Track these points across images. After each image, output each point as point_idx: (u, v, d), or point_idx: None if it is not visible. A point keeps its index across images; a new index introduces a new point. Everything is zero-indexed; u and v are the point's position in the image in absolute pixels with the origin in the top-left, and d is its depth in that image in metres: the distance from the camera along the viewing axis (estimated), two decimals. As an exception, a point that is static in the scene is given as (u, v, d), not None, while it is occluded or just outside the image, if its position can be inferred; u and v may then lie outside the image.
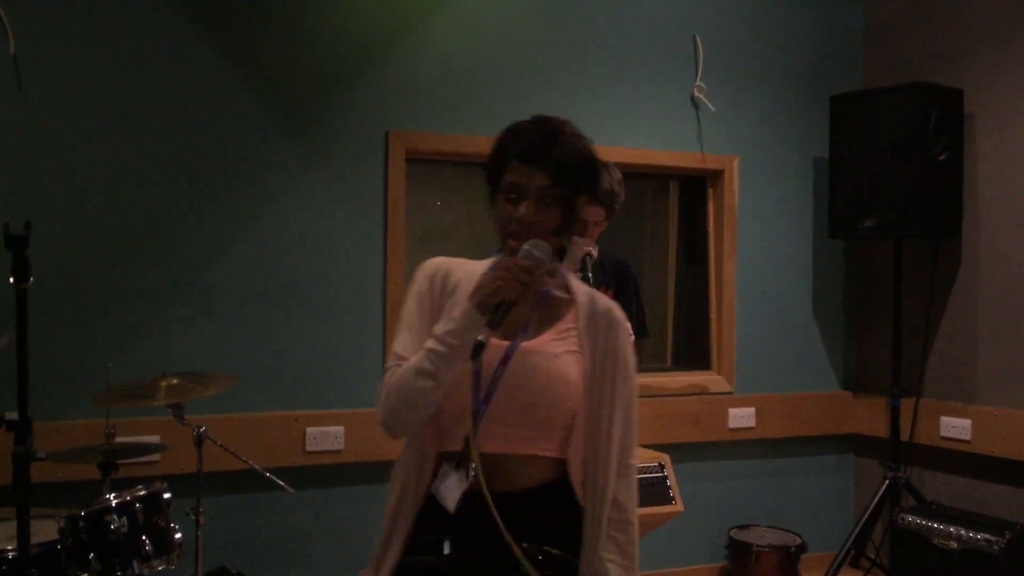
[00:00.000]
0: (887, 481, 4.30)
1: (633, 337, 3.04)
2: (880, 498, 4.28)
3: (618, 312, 1.90)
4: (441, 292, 1.87)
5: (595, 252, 3.13)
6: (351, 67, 3.89)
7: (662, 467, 4.15)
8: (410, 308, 1.89)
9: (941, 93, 4.22)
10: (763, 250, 4.67)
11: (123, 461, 2.97)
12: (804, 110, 4.73)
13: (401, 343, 1.85)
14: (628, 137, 4.35)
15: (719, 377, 4.60)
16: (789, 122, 4.72)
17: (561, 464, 1.82)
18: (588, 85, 4.29)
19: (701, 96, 4.49)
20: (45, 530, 2.75)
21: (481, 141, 4.07)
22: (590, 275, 3.18)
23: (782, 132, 4.71)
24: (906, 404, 4.45)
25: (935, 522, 3.95)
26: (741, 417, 4.59)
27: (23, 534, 2.09)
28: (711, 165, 4.56)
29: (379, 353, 3.86)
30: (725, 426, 4.56)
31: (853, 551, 4.37)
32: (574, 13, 4.27)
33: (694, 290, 4.76)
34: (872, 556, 4.53)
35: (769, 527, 4.56)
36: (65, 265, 3.43)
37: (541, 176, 1.76)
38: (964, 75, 4.35)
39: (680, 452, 4.38)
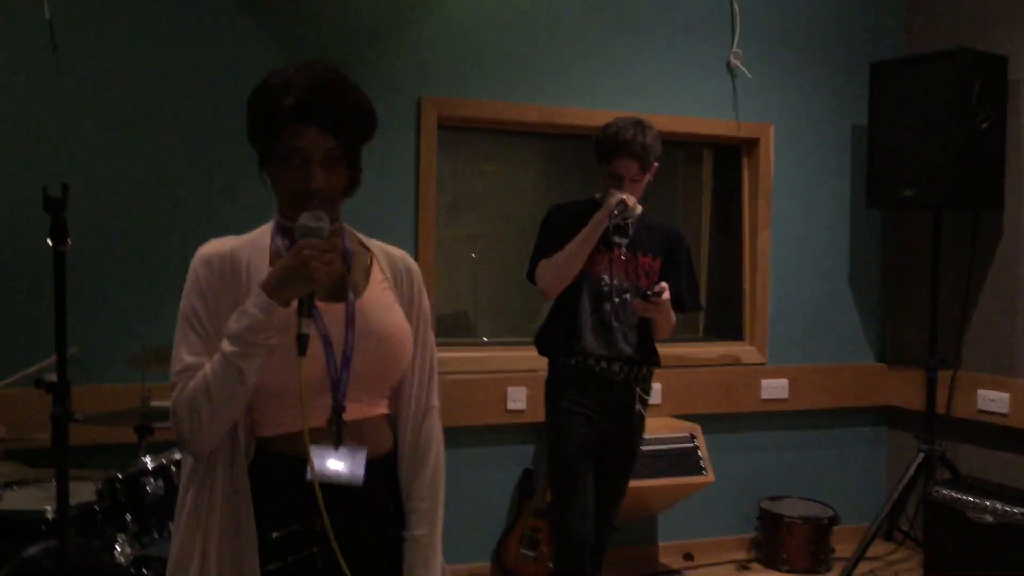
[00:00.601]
0: (921, 454, 4.25)
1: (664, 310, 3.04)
2: (914, 471, 4.24)
3: (410, 259, 1.86)
4: (232, 279, 1.65)
5: (635, 205, 3.07)
6: (384, 32, 3.86)
7: (693, 438, 4.14)
8: (192, 307, 1.65)
9: (984, 60, 4.11)
10: (798, 219, 4.60)
11: (159, 425, 3.01)
12: (842, 77, 4.64)
13: (190, 350, 1.62)
14: (662, 104, 4.28)
15: (751, 348, 4.56)
16: (827, 89, 4.63)
17: (392, 421, 1.80)
18: (622, 51, 4.22)
19: (737, 63, 4.42)
20: (82, 491, 2.80)
21: (514, 107, 4.08)
22: (630, 222, 3.14)
23: (820, 100, 4.62)
24: (943, 376, 4.38)
25: (970, 496, 3.90)
26: (773, 388, 4.56)
27: (62, 495, 2.12)
28: (746, 133, 4.49)
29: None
30: (757, 397, 4.53)
31: (886, 524, 4.34)
32: (608, -22, 4.20)
33: (727, 259, 4.71)
34: (905, 529, 4.50)
35: (801, 499, 4.54)
36: (101, 228, 3.46)
37: (325, 137, 1.61)
38: (1008, 41, 4.23)
39: (711, 423, 4.37)
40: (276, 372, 1.59)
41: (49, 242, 2.01)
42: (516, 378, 4.07)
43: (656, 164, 3.16)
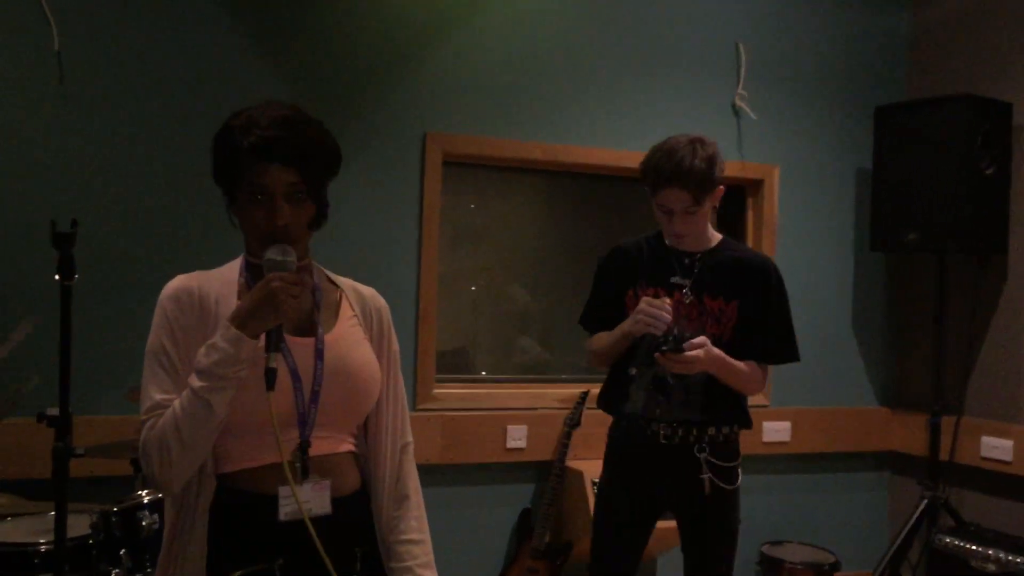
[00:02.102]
0: (925, 500, 4.21)
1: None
2: (917, 518, 4.19)
3: (380, 297, 1.86)
4: (201, 315, 1.66)
5: (658, 317, 2.57)
6: (388, 69, 3.88)
7: (694, 479, 4.08)
8: (160, 343, 1.64)
9: (989, 105, 4.13)
10: (803, 262, 4.59)
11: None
12: (847, 120, 4.66)
13: (159, 387, 1.62)
14: (667, 144, 4.29)
15: (754, 389, 4.53)
16: (832, 132, 4.65)
17: (360, 459, 1.79)
18: (627, 90, 4.25)
19: (742, 104, 4.44)
20: (77, 525, 2.76)
21: (517, 145, 4.09)
22: (670, 343, 2.55)
23: (825, 142, 4.64)
24: (946, 422, 4.35)
25: (973, 544, 3.86)
26: (775, 431, 4.52)
27: (60, 529, 2.10)
28: (751, 174, 4.50)
29: (411, 356, 3.85)
30: (759, 439, 4.48)
31: (888, 571, 4.28)
32: (614, 18, 4.23)
33: (730, 300, 4.70)
34: (907, 576, 4.44)
35: (802, 544, 4.48)
36: (100, 259, 3.45)
37: (288, 173, 1.62)
38: (1014, 88, 4.25)
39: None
40: (243, 406, 1.59)
41: (56, 276, 2.01)
42: (516, 416, 4.05)
43: (720, 188, 2.70)
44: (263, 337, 1.58)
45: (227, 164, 1.66)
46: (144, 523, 2.75)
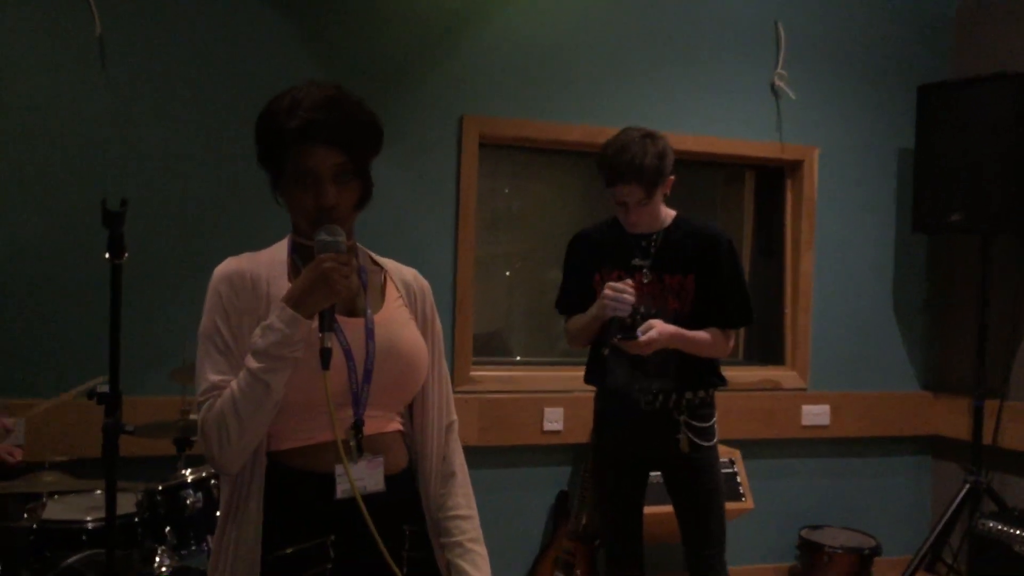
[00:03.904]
0: (967, 485, 4.16)
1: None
2: (959, 502, 4.14)
3: (422, 278, 1.88)
4: (253, 297, 1.66)
5: (625, 304, 2.74)
6: (426, 51, 3.88)
7: (732, 463, 4.08)
8: (215, 325, 1.65)
9: (1036, 83, 4.05)
10: (842, 243, 4.54)
11: (198, 437, 3.01)
12: (889, 100, 4.58)
13: (215, 368, 1.63)
14: (705, 125, 4.26)
15: (793, 373, 4.50)
16: (873, 112, 4.57)
17: (407, 438, 1.81)
18: (664, 71, 4.21)
19: (782, 84, 4.38)
20: (123, 503, 2.80)
21: (555, 127, 4.07)
22: (637, 321, 2.79)
23: (866, 122, 4.57)
24: (990, 406, 4.28)
25: (1017, 529, 3.80)
26: (815, 415, 4.48)
27: (111, 505, 2.14)
28: (790, 155, 4.45)
29: (448, 338, 3.86)
30: (798, 423, 4.45)
31: (929, 556, 4.24)
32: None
33: (769, 283, 4.66)
34: (949, 561, 4.39)
35: (842, 528, 4.45)
36: (145, 241, 3.50)
37: (334, 154, 1.62)
38: (1061, 65, 4.16)
39: (751, 449, 4.30)
40: (298, 386, 1.60)
41: (107, 255, 2.04)
42: (552, 399, 4.05)
43: (671, 178, 2.85)
44: (316, 317, 1.59)
45: (272, 147, 1.66)
46: (188, 502, 2.79)
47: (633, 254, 2.90)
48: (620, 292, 2.74)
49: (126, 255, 2.07)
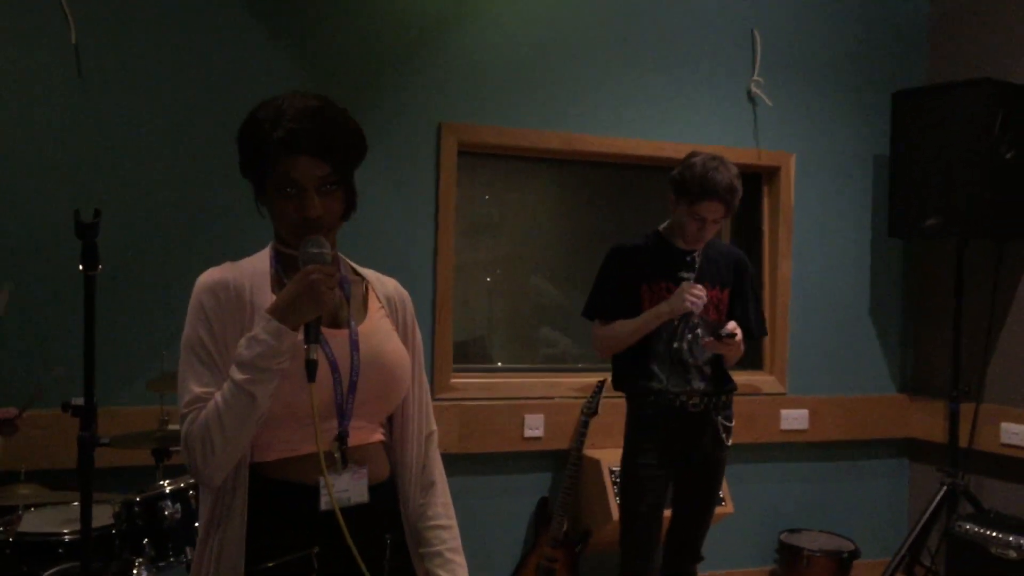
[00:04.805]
0: (944, 487, 4.20)
1: (738, 335, 3.09)
2: (936, 504, 4.18)
3: (402, 288, 1.88)
4: (237, 307, 1.64)
5: (699, 307, 3.05)
6: (403, 58, 3.89)
7: (712, 467, 4.09)
8: (198, 337, 1.63)
9: (1008, 90, 4.09)
10: (819, 249, 4.58)
11: (176, 448, 2.99)
12: (864, 106, 4.63)
13: (198, 380, 1.60)
14: (682, 132, 4.28)
15: (771, 378, 4.52)
16: (849, 118, 4.62)
17: (388, 448, 1.81)
18: (642, 79, 4.23)
19: (758, 91, 4.42)
20: (100, 515, 2.78)
21: (534, 134, 4.08)
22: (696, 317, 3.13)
23: (841, 129, 4.61)
24: (965, 409, 4.33)
25: (993, 531, 3.84)
26: (793, 419, 4.51)
27: (86, 518, 2.12)
28: (767, 162, 4.48)
29: (428, 346, 3.85)
30: (777, 427, 4.48)
31: (907, 558, 4.27)
32: (630, 6, 4.21)
33: (747, 288, 4.68)
34: (927, 564, 4.42)
35: (821, 532, 4.47)
36: (122, 250, 3.47)
37: (318, 165, 1.60)
38: (1033, 71, 4.22)
39: (731, 453, 4.31)
40: (283, 397, 1.59)
41: (80, 267, 2.02)
42: (533, 405, 4.05)
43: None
44: (301, 329, 1.59)
45: (255, 157, 1.65)
46: (166, 512, 2.76)
47: (679, 267, 3.16)
48: (700, 290, 3.05)
49: (100, 268, 2.05)
